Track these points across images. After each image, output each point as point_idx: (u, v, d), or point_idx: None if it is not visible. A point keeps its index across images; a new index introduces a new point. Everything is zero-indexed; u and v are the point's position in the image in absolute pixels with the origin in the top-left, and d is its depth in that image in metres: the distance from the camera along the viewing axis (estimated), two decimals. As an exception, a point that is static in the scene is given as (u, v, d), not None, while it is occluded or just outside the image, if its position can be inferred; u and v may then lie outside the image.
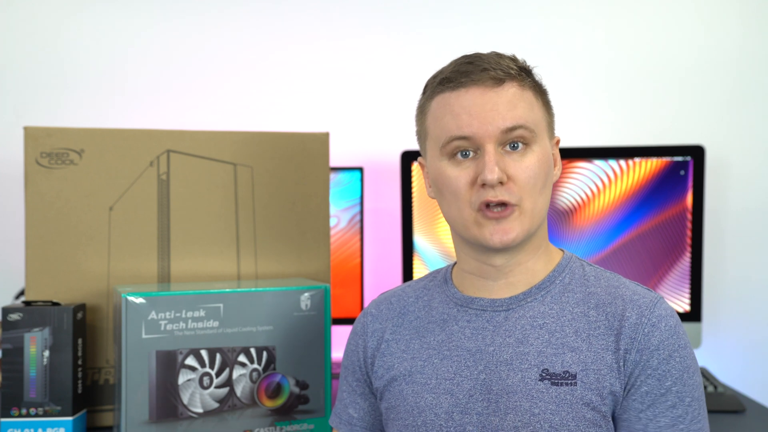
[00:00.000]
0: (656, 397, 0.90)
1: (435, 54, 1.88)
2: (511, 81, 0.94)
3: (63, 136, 1.32)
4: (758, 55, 1.84)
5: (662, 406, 0.90)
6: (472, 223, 0.94)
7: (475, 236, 0.95)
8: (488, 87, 0.93)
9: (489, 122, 0.92)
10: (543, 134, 0.96)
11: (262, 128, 1.62)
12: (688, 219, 1.58)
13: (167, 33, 1.86)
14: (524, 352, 0.93)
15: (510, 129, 0.92)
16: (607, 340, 0.92)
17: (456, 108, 0.94)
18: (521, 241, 0.94)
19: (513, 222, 0.93)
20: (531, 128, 0.93)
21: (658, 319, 0.91)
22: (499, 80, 0.93)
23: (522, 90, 0.94)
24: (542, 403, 0.90)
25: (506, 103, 0.93)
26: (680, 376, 0.90)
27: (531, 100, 0.95)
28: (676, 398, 0.90)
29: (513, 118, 0.92)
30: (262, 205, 1.40)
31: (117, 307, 1.21)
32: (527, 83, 0.95)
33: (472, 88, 0.93)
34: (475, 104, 0.93)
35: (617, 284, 0.97)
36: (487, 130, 0.92)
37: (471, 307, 0.99)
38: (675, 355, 0.90)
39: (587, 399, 0.90)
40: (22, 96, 1.83)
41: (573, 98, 1.86)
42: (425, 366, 0.98)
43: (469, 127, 0.92)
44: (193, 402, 1.20)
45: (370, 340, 1.06)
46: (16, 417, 1.23)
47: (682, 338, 0.92)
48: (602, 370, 0.90)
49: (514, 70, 0.94)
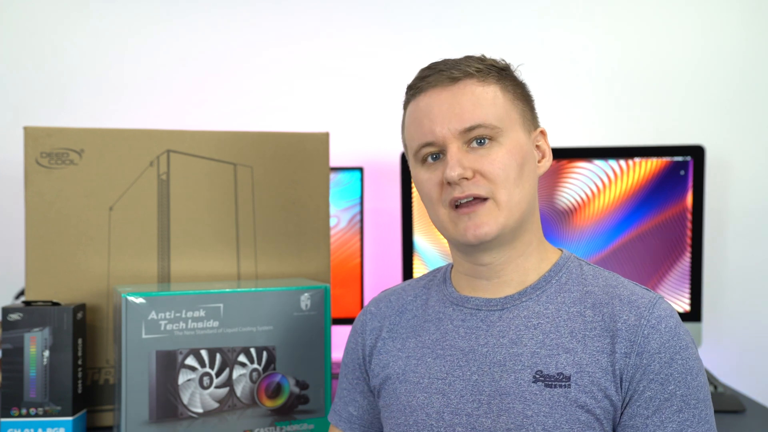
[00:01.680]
0: (661, 402, 0.88)
1: (435, 54, 1.87)
2: (468, 78, 0.94)
3: (63, 136, 1.32)
4: (759, 55, 1.84)
5: (668, 411, 0.88)
6: (448, 221, 0.95)
7: (453, 235, 0.95)
8: (444, 87, 0.94)
9: (447, 123, 0.93)
10: (513, 127, 0.95)
11: (262, 128, 1.62)
12: (688, 219, 1.58)
13: (167, 33, 1.86)
14: (518, 353, 0.92)
15: (469, 128, 0.92)
16: (603, 342, 0.90)
17: (418, 114, 0.96)
18: (498, 235, 0.93)
19: (485, 216, 0.92)
20: (493, 124, 0.93)
21: (657, 320, 0.89)
22: (454, 79, 0.94)
23: (483, 85, 0.94)
24: (535, 405, 0.89)
25: (464, 102, 0.93)
26: (683, 378, 0.88)
27: (494, 95, 0.94)
28: (681, 402, 0.88)
29: (471, 118, 0.92)
30: (262, 205, 1.40)
31: (117, 307, 1.21)
32: (491, 78, 0.95)
33: (429, 90, 0.95)
34: (433, 107, 0.94)
35: (615, 284, 0.95)
36: (446, 132, 0.93)
37: (466, 306, 0.99)
38: (677, 357, 0.88)
39: (581, 401, 0.88)
40: (22, 96, 1.83)
41: (573, 98, 1.86)
42: (418, 365, 0.98)
43: (431, 132, 0.94)
44: (193, 402, 1.20)
45: (369, 338, 1.06)
46: (16, 417, 1.23)
47: (683, 339, 0.90)
48: (597, 373, 0.89)
49: (474, 68, 0.94)
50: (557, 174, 1.60)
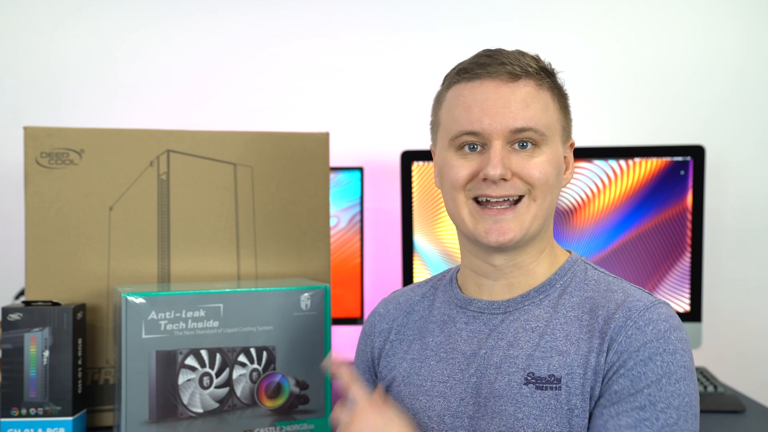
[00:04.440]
0: (624, 396, 0.85)
1: (436, 54, 1.88)
2: (527, 78, 0.93)
3: (63, 136, 1.32)
4: (758, 55, 1.84)
5: (627, 406, 0.85)
6: (468, 215, 0.94)
7: (471, 231, 0.94)
8: (503, 81, 0.92)
9: (499, 119, 0.91)
10: (555, 137, 0.95)
11: (262, 128, 1.62)
12: (688, 219, 1.58)
13: (167, 33, 1.86)
14: (513, 355, 0.92)
15: (520, 129, 0.91)
16: (593, 343, 0.89)
17: (469, 100, 0.93)
18: (518, 242, 0.93)
19: (512, 222, 0.92)
20: (541, 131, 0.92)
21: (646, 322, 0.88)
22: (515, 76, 0.92)
23: (538, 89, 0.93)
24: (526, 407, 0.89)
25: (519, 101, 0.91)
26: (658, 380, 0.85)
27: (547, 101, 0.94)
28: (646, 401, 0.85)
29: (524, 119, 0.91)
30: (262, 205, 1.40)
31: (117, 307, 1.21)
32: (546, 84, 0.94)
33: (487, 80, 0.92)
34: (488, 98, 0.92)
35: (615, 288, 0.94)
36: (496, 128, 0.91)
37: (469, 309, 0.98)
38: (657, 358, 0.86)
39: (572, 404, 0.87)
40: (22, 96, 1.83)
41: (573, 98, 1.85)
42: (422, 368, 0.98)
43: (479, 122, 0.91)
44: (193, 402, 1.20)
45: (377, 340, 1.06)
46: (16, 417, 1.23)
47: (672, 344, 0.87)
48: (587, 374, 0.88)
49: (533, 69, 0.93)
50: (557, 174, 1.59)
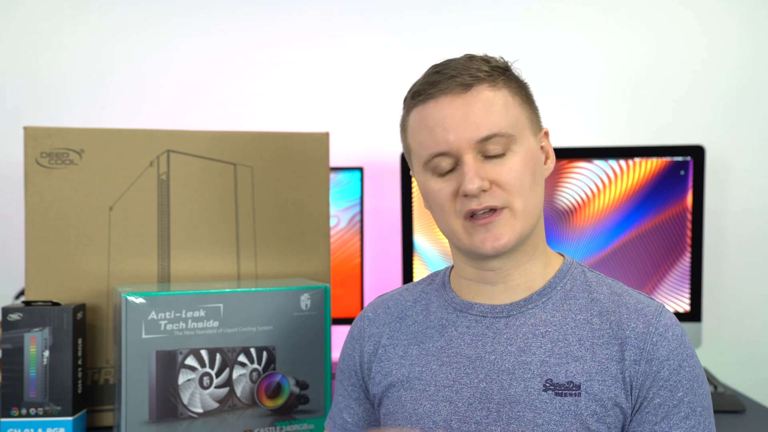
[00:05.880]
0: (670, 408, 0.89)
1: (435, 54, 1.87)
2: (480, 84, 0.92)
3: (63, 136, 1.32)
4: (759, 55, 1.84)
5: (676, 418, 0.89)
6: (462, 232, 0.93)
7: (468, 246, 0.93)
8: (457, 94, 0.91)
9: (462, 133, 0.90)
10: (524, 132, 0.94)
11: (262, 128, 1.62)
12: (688, 219, 1.58)
13: (167, 33, 1.86)
14: (527, 361, 0.92)
15: (486, 138, 0.90)
16: (611, 350, 0.90)
17: (429, 122, 0.92)
18: (515, 245, 0.93)
19: (502, 227, 0.91)
20: (508, 133, 0.91)
21: (665, 328, 0.90)
22: (467, 86, 0.91)
23: (495, 91, 0.92)
24: (546, 413, 0.89)
25: (478, 110, 0.90)
26: (691, 385, 0.90)
27: (506, 100, 0.93)
28: (688, 408, 0.89)
29: (487, 126, 0.90)
30: (262, 205, 1.40)
31: (117, 307, 1.21)
32: (500, 82, 0.93)
33: (441, 97, 0.92)
34: (446, 116, 0.91)
35: (620, 292, 0.95)
36: (462, 142, 0.90)
37: (470, 313, 0.97)
38: (684, 364, 0.90)
39: (592, 410, 0.88)
40: (22, 96, 1.83)
41: (573, 98, 1.86)
42: (423, 372, 0.97)
43: (445, 141, 0.91)
44: (193, 402, 1.20)
45: (367, 345, 1.04)
46: (16, 417, 1.23)
47: (688, 347, 0.91)
48: (607, 381, 0.89)
49: (483, 72, 0.92)
50: (557, 174, 1.60)
